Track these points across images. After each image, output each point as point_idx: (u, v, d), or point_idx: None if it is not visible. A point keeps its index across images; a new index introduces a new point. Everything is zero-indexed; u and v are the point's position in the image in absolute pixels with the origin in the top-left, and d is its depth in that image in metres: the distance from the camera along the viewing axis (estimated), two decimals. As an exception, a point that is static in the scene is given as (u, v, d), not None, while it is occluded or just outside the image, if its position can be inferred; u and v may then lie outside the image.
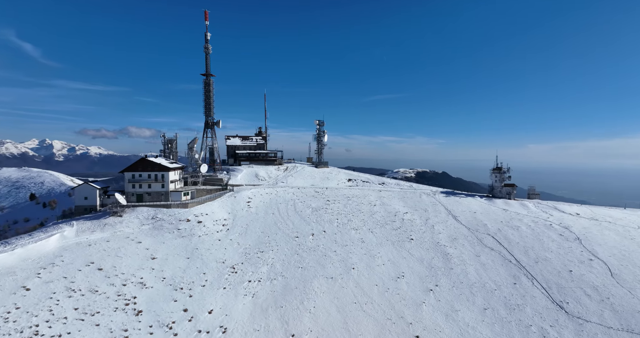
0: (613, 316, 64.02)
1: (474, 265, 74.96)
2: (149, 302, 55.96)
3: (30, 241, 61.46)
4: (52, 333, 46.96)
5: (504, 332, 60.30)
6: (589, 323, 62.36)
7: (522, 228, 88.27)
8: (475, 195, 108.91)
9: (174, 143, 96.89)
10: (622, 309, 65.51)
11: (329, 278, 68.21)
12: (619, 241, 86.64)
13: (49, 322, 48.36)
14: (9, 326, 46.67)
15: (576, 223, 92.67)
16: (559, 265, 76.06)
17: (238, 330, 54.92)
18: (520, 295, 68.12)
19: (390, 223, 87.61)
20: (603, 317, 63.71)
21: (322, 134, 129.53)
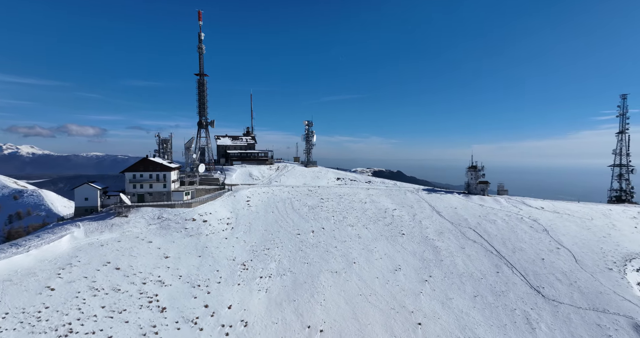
0: (581, 297, 72.13)
1: (460, 257, 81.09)
2: (171, 299, 57.12)
3: (42, 243, 60.50)
4: (86, 331, 47.56)
5: (493, 316, 66.54)
6: (563, 305, 69.98)
7: (498, 221, 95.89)
8: (453, 192, 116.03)
9: (169, 143, 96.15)
10: (587, 291, 73.86)
11: (333, 272, 71.74)
12: (578, 231, 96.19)
13: (80, 320, 48.79)
14: (43, 325, 46.84)
15: (542, 216, 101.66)
16: (532, 254, 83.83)
17: (258, 324, 57.37)
18: (503, 282, 74.89)
19: (382, 219, 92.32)
20: (573, 299, 71.66)
21: (310, 135, 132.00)
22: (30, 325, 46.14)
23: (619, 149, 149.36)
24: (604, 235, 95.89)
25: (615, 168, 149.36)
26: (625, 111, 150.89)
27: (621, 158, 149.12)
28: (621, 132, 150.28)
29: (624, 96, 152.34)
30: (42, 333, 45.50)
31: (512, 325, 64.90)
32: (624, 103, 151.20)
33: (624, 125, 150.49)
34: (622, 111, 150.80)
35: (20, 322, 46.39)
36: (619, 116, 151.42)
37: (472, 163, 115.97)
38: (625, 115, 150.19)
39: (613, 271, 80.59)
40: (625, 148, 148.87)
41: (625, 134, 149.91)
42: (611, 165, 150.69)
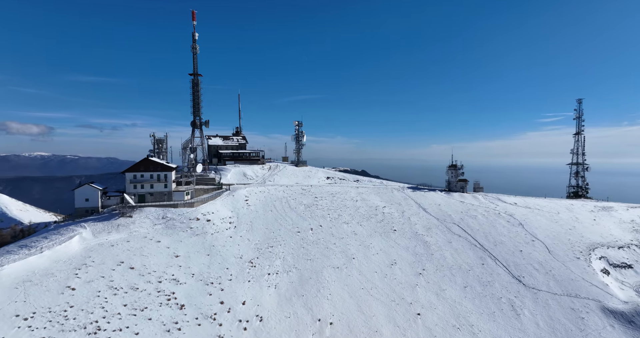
0: (556, 284, 78.56)
1: (449, 250, 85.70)
2: (187, 296, 57.64)
3: (53, 244, 59.19)
4: (113, 328, 47.80)
5: (482, 305, 71.32)
6: (541, 292, 75.97)
7: (479, 217, 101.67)
8: (435, 189, 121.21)
9: (164, 142, 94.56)
10: (561, 278, 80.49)
11: (335, 268, 74.10)
12: (548, 224, 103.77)
13: (105, 318, 48.88)
14: (71, 323, 46.72)
15: (516, 211, 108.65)
16: (512, 246, 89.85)
17: (272, 318, 58.97)
18: (489, 273, 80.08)
19: (374, 216, 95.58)
20: (550, 286, 77.92)
21: (301, 135, 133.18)
22: (60, 324, 46.01)
23: (576, 149, 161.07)
24: (570, 227, 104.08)
25: (572, 166, 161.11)
26: (580, 114, 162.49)
27: (578, 157, 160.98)
28: (577, 133, 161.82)
29: (579, 100, 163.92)
30: (72, 331, 45.51)
31: (499, 312, 69.93)
32: (579, 107, 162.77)
33: (579, 127, 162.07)
34: (578, 114, 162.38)
35: (49, 321, 46.10)
36: (576, 118, 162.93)
37: (452, 162, 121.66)
38: (580, 118, 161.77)
39: (580, 260, 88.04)
40: (581, 147, 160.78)
41: (581, 135, 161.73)
42: (569, 164, 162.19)
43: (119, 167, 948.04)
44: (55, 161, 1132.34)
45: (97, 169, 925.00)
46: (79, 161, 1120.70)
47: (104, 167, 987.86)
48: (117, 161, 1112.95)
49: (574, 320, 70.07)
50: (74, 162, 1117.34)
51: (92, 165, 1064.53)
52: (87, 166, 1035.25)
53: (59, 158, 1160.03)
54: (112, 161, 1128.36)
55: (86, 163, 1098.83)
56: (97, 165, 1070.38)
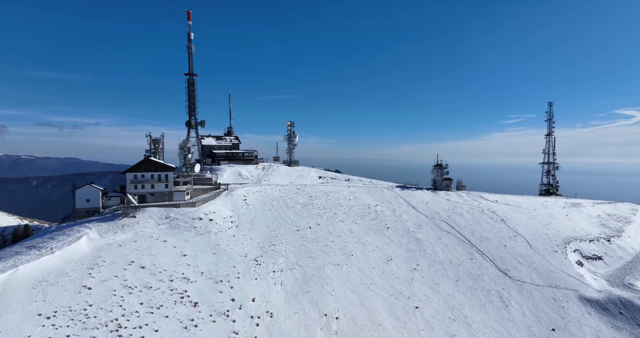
0: (538, 276, 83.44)
1: (439, 246, 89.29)
2: (199, 294, 58.28)
3: (62, 244, 58.48)
4: (134, 326, 48.19)
5: (474, 297, 75.12)
6: (525, 284, 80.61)
7: (464, 214, 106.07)
8: (422, 188, 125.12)
9: (160, 142, 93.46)
10: (542, 271, 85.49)
11: (335, 264, 76.09)
12: (527, 220, 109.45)
13: (124, 316, 49.17)
14: (92, 321, 46.89)
15: (498, 208, 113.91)
16: (496, 241, 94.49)
17: (282, 314, 60.44)
18: (477, 267, 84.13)
19: (367, 214, 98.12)
20: (532, 278, 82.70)
21: (292, 135, 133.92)
22: (82, 322, 46.13)
23: (547, 149, 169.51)
24: (547, 223, 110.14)
25: (544, 165, 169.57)
26: (551, 116, 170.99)
27: (549, 156, 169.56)
28: (549, 134, 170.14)
29: (550, 103, 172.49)
30: (95, 329, 45.74)
31: (490, 304, 73.89)
32: (550, 110, 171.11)
33: (550, 128, 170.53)
34: (549, 116, 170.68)
35: (71, 319, 46.11)
36: (547, 120, 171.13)
37: (437, 162, 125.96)
38: (551, 120, 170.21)
39: (558, 253, 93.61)
40: (552, 148, 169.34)
41: (552, 136, 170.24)
42: (541, 163, 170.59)
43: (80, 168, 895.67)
44: (7, 162, 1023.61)
45: (56, 170, 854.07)
46: (35, 162, 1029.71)
47: (64, 168, 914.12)
48: (78, 162, 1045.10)
49: (556, 309, 74.85)
50: (29, 162, 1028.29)
51: (50, 166, 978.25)
52: (44, 167, 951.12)
53: (12, 158, 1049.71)
54: (72, 161, 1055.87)
55: (43, 164, 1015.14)
56: (57, 166, 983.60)
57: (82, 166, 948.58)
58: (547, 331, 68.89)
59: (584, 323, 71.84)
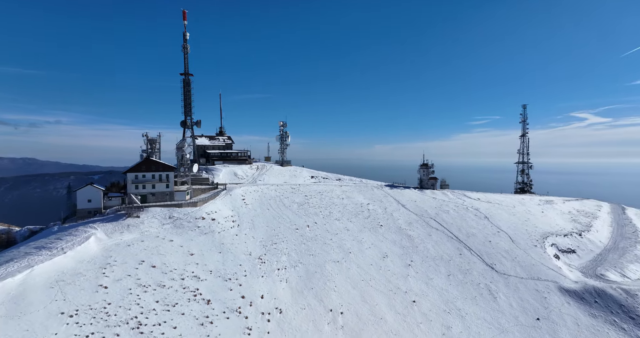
0: (522, 270, 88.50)
1: (430, 243, 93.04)
2: (211, 292, 59.18)
3: (71, 244, 58.06)
4: (153, 323, 48.91)
5: (465, 290, 79.12)
6: (511, 277, 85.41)
7: (451, 211, 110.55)
8: (409, 187, 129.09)
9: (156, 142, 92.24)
10: (525, 264, 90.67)
11: (335, 262, 78.27)
12: (508, 217, 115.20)
13: (143, 314, 49.75)
14: (113, 319, 47.32)
15: (481, 205, 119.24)
16: (482, 237, 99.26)
17: (290, 310, 62.17)
18: (466, 262, 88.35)
19: (361, 213, 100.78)
20: (517, 271, 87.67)
21: (285, 135, 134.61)
22: (103, 320, 46.50)
23: (522, 150, 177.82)
24: (525, 219, 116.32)
25: (519, 164, 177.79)
26: (525, 118, 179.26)
27: (523, 156, 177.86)
28: (523, 135, 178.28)
29: (524, 106, 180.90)
30: (117, 326, 46.23)
31: (480, 296, 78.05)
32: (524, 112, 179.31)
33: (524, 129, 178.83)
34: (524, 118, 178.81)
35: (93, 317, 46.40)
36: (521, 122, 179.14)
37: (423, 161, 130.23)
38: (525, 122, 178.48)
39: (537, 247, 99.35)
40: (526, 148, 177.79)
41: (526, 137, 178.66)
42: (516, 162, 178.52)
43: (38, 168, 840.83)
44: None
45: (10, 171, 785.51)
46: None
47: (20, 169, 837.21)
48: (36, 162, 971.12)
49: (539, 299, 79.85)
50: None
51: (3, 166, 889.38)
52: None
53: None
54: (29, 161, 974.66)
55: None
56: (11, 166, 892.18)
57: (40, 167, 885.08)
58: (532, 320, 73.55)
59: (565, 312, 77.08)
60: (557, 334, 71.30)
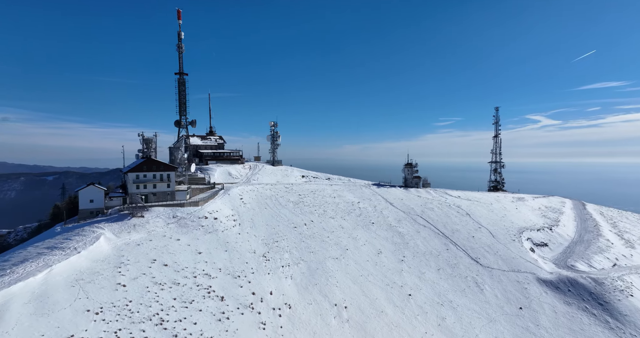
0: (503, 263, 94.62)
1: (419, 239, 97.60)
2: (223, 289, 60.54)
3: (83, 244, 57.75)
4: (175, 319, 49.95)
5: (455, 283, 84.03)
6: (494, 270, 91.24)
7: (435, 209, 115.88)
8: (395, 186, 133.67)
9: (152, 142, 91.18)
10: (506, 257, 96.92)
11: (334, 258, 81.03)
12: (487, 214, 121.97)
13: (163, 311, 50.67)
14: (136, 316, 48.07)
15: (462, 203, 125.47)
16: (465, 233, 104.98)
17: (298, 305, 64.50)
18: (453, 257, 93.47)
19: (353, 211, 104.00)
20: (499, 264, 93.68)
21: (276, 135, 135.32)
22: (128, 317, 47.21)
23: (495, 150, 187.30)
24: (502, 215, 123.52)
25: (492, 164, 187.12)
26: (498, 119, 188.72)
27: (496, 156, 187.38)
28: (496, 136, 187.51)
29: (497, 108, 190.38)
30: (141, 323, 47.09)
31: (468, 288, 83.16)
32: (497, 114, 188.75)
33: (497, 130, 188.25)
34: (496, 119, 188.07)
35: (117, 314, 47.00)
36: (494, 123, 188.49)
37: (407, 161, 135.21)
38: (498, 123, 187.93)
39: (515, 242, 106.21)
40: (498, 148, 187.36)
41: (498, 138, 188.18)
42: (489, 162, 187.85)
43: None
44: None
45: None
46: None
47: None
48: None
49: (520, 290, 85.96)
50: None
51: None
52: None
53: None
54: None
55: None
56: None
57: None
58: (516, 309, 79.29)
59: (543, 301, 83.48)
60: (538, 321, 77.34)
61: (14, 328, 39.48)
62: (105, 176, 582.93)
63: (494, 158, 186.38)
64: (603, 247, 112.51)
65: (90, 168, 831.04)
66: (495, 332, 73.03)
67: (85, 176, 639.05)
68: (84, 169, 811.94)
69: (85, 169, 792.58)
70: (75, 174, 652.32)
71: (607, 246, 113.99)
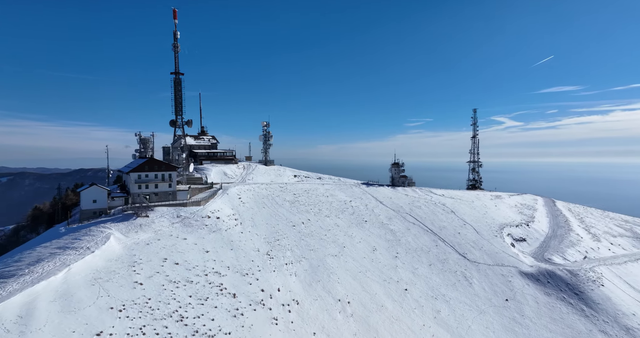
0: (488, 257, 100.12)
1: (410, 236, 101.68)
2: (234, 286, 62.05)
3: (95, 244, 58.04)
4: (193, 315, 51.32)
5: (446, 277, 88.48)
6: (480, 264, 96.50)
7: (422, 207, 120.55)
8: (383, 185, 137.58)
9: (149, 142, 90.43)
10: (490, 252, 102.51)
11: (333, 256, 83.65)
12: (470, 211, 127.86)
13: (182, 308, 51.90)
14: (157, 313, 49.22)
15: (446, 201, 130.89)
16: (452, 230, 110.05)
17: (305, 301, 66.78)
18: (442, 252, 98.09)
19: (346, 209, 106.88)
20: (484, 259, 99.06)
21: (268, 135, 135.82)
22: (149, 314, 48.27)
23: (473, 150, 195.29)
24: (484, 212, 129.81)
25: (470, 163, 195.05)
26: (475, 120, 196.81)
27: (474, 156, 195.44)
28: (473, 137, 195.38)
29: (474, 110, 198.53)
30: (163, 319, 48.29)
31: (458, 282, 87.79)
32: (475, 115, 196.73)
33: (475, 131, 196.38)
34: (474, 121, 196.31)
35: (139, 311, 48.03)
36: (472, 124, 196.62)
37: (394, 161, 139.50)
38: (476, 124, 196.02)
39: (497, 237, 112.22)
40: (476, 148, 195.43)
41: (476, 138, 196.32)
42: (468, 161, 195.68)
43: None
44: None
45: None
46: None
47: None
48: None
49: (505, 283, 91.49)
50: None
51: None
52: None
53: None
54: None
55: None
56: None
57: None
58: (502, 301, 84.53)
59: (526, 293, 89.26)
60: (523, 312, 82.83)
61: (46, 325, 40.20)
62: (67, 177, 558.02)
63: (472, 158, 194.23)
64: (574, 241, 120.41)
65: (49, 169, 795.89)
66: (485, 322, 77.85)
67: (45, 177, 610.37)
68: (42, 169, 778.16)
69: (43, 170, 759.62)
70: (33, 175, 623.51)
71: (578, 240, 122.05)
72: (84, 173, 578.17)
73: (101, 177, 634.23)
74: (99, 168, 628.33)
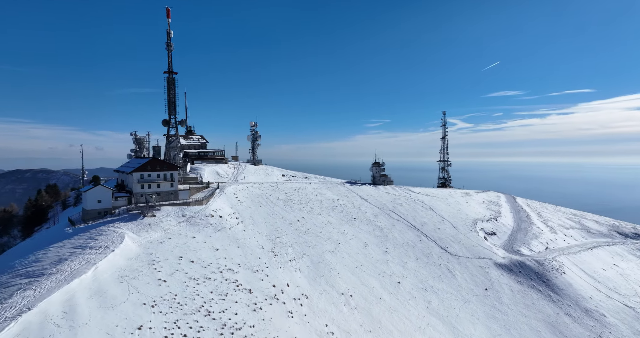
0: (467, 251, 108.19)
1: (396, 232, 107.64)
2: (248, 282, 64.26)
3: (112, 243, 58.30)
4: (218, 310, 53.29)
5: (431, 270, 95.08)
6: (460, 257, 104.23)
7: (404, 204, 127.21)
8: (365, 183, 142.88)
9: (144, 141, 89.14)
10: (468, 246, 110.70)
11: (330, 252, 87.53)
12: (446, 208, 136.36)
13: (207, 303, 53.71)
14: (186, 308, 50.76)
15: (424, 198, 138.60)
16: (432, 225, 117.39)
17: (313, 295, 70.29)
18: (426, 247, 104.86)
19: (335, 207, 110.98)
20: (463, 252, 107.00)
21: (256, 135, 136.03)
22: (179, 309, 49.78)
23: (443, 150, 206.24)
24: (458, 209, 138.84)
25: (440, 162, 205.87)
26: (445, 122, 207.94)
27: (444, 155, 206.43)
28: (443, 137, 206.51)
29: (444, 112, 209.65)
30: (192, 314, 49.93)
31: (443, 275, 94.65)
32: (444, 116, 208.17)
33: (444, 132, 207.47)
34: (444, 122, 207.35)
35: (169, 307, 49.40)
36: (442, 126, 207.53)
37: (375, 160, 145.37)
38: (445, 125, 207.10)
39: (472, 232, 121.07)
40: (446, 148, 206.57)
41: (446, 139, 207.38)
42: (438, 160, 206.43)
43: None
44: None
45: None
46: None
47: None
48: None
49: (484, 274, 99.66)
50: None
51: None
52: None
53: None
54: None
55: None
56: None
57: None
58: (483, 291, 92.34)
59: (502, 282, 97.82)
60: (501, 299, 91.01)
61: (90, 320, 41.26)
62: (1, 179, 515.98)
63: (442, 157, 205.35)
64: (536, 234, 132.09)
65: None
66: (470, 310, 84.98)
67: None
68: None
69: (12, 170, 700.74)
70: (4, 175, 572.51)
71: (539, 232, 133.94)
72: (21, 174, 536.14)
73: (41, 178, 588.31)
74: (38, 169, 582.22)
